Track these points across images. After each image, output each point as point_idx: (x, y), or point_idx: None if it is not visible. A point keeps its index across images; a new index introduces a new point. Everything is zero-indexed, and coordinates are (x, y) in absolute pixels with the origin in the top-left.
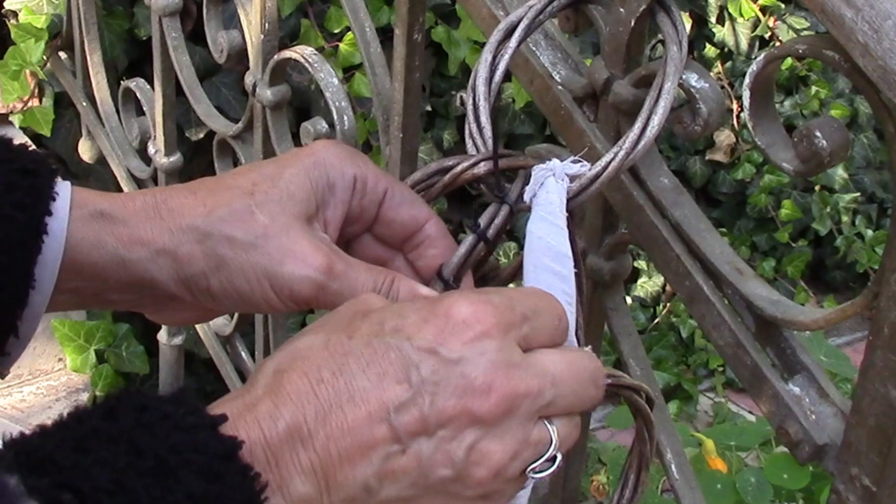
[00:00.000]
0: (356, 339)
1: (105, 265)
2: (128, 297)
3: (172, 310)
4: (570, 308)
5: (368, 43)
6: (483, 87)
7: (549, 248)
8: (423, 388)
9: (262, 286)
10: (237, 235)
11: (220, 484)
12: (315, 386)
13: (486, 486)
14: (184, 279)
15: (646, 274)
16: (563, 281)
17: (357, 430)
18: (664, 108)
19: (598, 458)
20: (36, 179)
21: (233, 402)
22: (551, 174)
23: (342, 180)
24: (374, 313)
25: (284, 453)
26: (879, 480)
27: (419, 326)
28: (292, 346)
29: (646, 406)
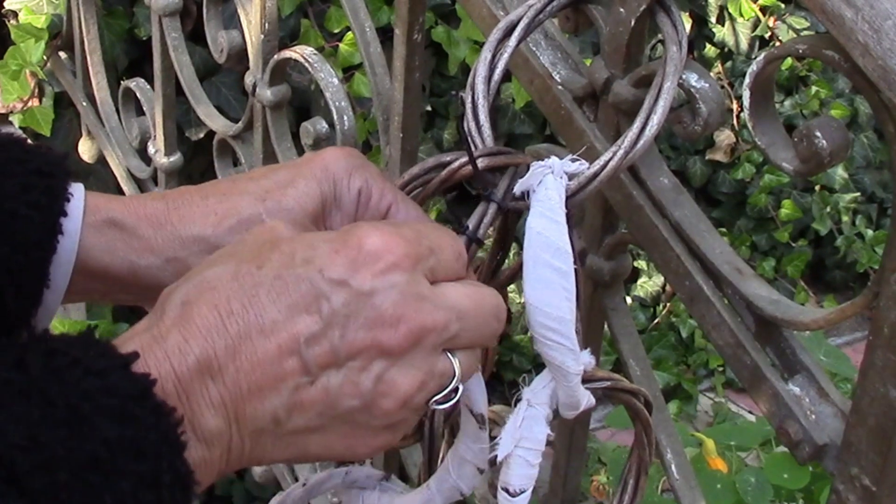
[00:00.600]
0: (266, 270)
1: (116, 270)
2: (136, 297)
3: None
4: (570, 304)
5: (368, 43)
6: (482, 86)
7: (549, 243)
8: (334, 320)
9: None
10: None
11: (135, 426)
12: (225, 318)
13: (391, 416)
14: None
15: (646, 274)
16: (563, 277)
17: (267, 363)
18: (663, 107)
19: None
20: (52, 181)
21: (140, 335)
22: (550, 171)
23: (348, 195)
24: (284, 243)
25: (195, 387)
26: (879, 480)
27: (330, 257)
28: (200, 276)
29: (644, 410)
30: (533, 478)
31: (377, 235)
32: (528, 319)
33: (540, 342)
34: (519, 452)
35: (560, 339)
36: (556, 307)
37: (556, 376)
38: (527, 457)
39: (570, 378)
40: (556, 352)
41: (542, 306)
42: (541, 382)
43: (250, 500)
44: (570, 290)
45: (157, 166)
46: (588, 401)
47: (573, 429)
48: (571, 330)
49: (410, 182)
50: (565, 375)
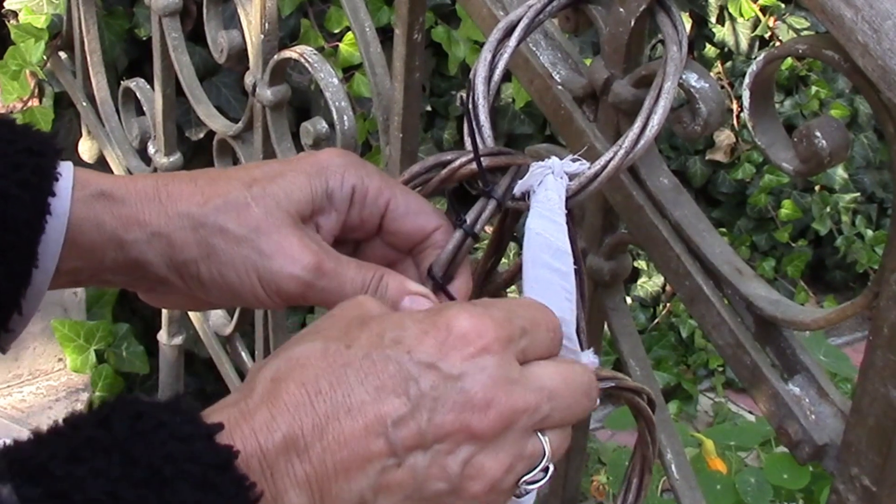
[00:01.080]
0: (355, 350)
1: (103, 245)
2: (122, 277)
3: (164, 293)
4: (570, 305)
5: (368, 43)
6: (482, 86)
7: (548, 244)
8: (422, 403)
9: (251, 279)
10: (230, 227)
11: (214, 494)
12: (313, 397)
13: (479, 499)
14: (176, 264)
15: (646, 274)
16: (563, 277)
17: (354, 443)
18: (664, 107)
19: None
20: (41, 159)
21: (229, 409)
22: (550, 172)
23: (340, 191)
24: (374, 322)
25: (280, 465)
26: (879, 480)
27: (419, 339)
28: (289, 352)
29: (647, 409)
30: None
31: (466, 318)
32: None
33: None
34: None
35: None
36: (556, 307)
37: None
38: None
39: None
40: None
41: None
42: None
43: None
44: (569, 290)
45: (157, 166)
46: None
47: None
48: (572, 330)
49: (411, 180)
50: None
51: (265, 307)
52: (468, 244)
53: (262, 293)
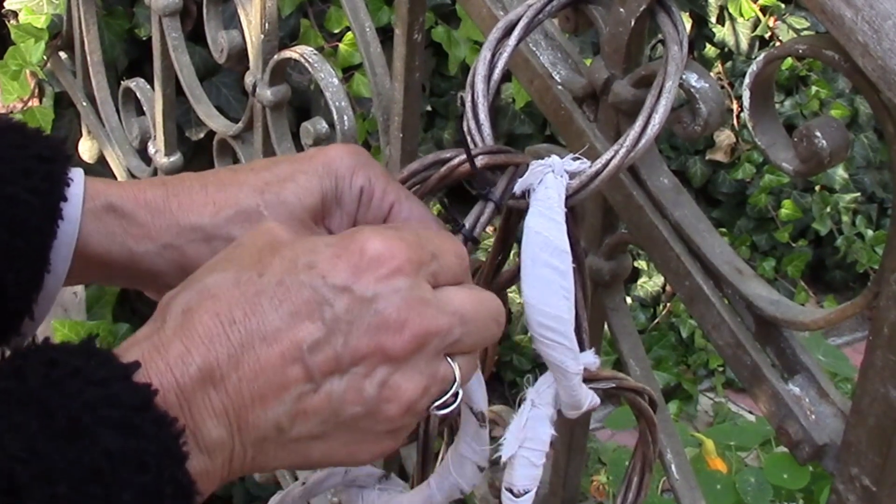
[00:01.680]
0: (268, 277)
1: (114, 256)
2: (134, 282)
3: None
4: (568, 303)
5: (368, 43)
6: (482, 85)
7: (547, 243)
8: (337, 327)
9: None
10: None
11: (136, 436)
12: (227, 327)
13: (395, 422)
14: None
15: (646, 274)
16: (562, 276)
17: (270, 371)
18: (665, 107)
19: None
20: (52, 165)
21: (141, 344)
22: (550, 170)
23: (350, 193)
24: (285, 248)
25: (196, 398)
26: (879, 480)
27: (332, 262)
28: (201, 283)
29: (648, 408)
30: (537, 478)
31: (379, 240)
32: (527, 319)
33: (539, 341)
34: (523, 453)
35: (558, 338)
36: (554, 306)
37: (556, 376)
38: (531, 457)
39: (570, 377)
40: (554, 351)
41: (541, 305)
42: (544, 382)
43: (250, 500)
44: (568, 289)
45: (157, 166)
46: (592, 400)
47: (573, 429)
48: (570, 329)
49: (409, 178)
50: (565, 375)
51: None
52: (468, 248)
53: None
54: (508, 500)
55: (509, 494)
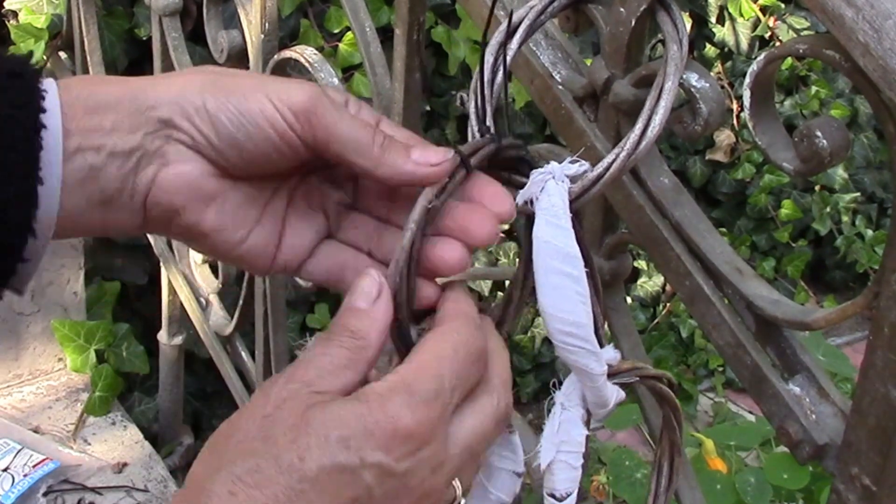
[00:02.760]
0: (308, 463)
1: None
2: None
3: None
4: (585, 308)
5: (368, 43)
6: (486, 89)
7: (557, 250)
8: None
9: (257, 97)
10: (226, 76)
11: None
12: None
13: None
14: (178, 99)
15: (646, 274)
16: (575, 282)
17: None
18: (665, 107)
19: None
20: (24, 80)
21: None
22: (551, 177)
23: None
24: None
25: None
26: (879, 480)
27: (366, 439)
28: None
29: (670, 392)
30: (577, 480)
31: (409, 415)
32: (546, 327)
33: (561, 348)
34: (561, 457)
35: (580, 342)
36: (571, 312)
37: (581, 379)
38: (569, 460)
39: (596, 379)
40: (577, 356)
41: (558, 313)
42: (571, 385)
43: None
44: (583, 293)
45: None
46: (618, 396)
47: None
48: (590, 332)
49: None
50: (590, 377)
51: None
52: (460, 175)
53: (272, 107)
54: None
55: (552, 500)
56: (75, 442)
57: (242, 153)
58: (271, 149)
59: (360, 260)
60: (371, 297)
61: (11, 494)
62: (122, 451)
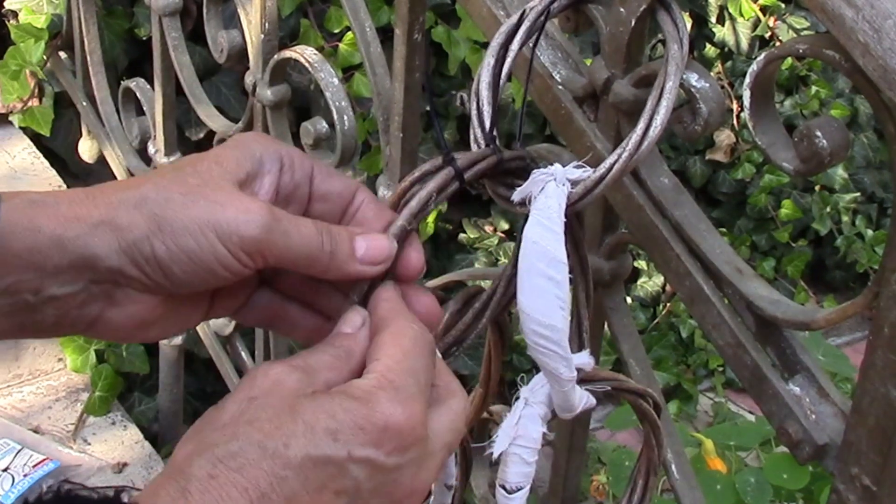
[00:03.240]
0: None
1: (42, 248)
2: (70, 288)
3: (122, 302)
4: (563, 313)
5: (368, 43)
6: (486, 92)
7: (544, 253)
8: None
9: (209, 239)
10: (174, 196)
11: None
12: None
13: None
14: (126, 248)
15: (646, 274)
16: (557, 286)
17: None
18: (667, 107)
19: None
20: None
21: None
22: (552, 178)
23: (268, 155)
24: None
25: None
26: (879, 480)
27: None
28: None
29: (652, 412)
30: (530, 476)
31: (401, 412)
32: (522, 326)
33: (532, 348)
34: (515, 450)
35: (552, 346)
36: (548, 315)
37: (549, 381)
38: (523, 454)
39: (563, 384)
40: (548, 358)
41: (535, 314)
42: (539, 382)
43: None
44: (563, 298)
45: (158, 166)
46: (587, 401)
47: (573, 429)
48: (564, 338)
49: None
50: (559, 381)
51: (231, 274)
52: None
53: (224, 251)
54: (502, 496)
55: (503, 491)
56: (75, 442)
57: (193, 287)
58: (222, 280)
59: (288, 308)
60: (356, 325)
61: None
62: (122, 451)
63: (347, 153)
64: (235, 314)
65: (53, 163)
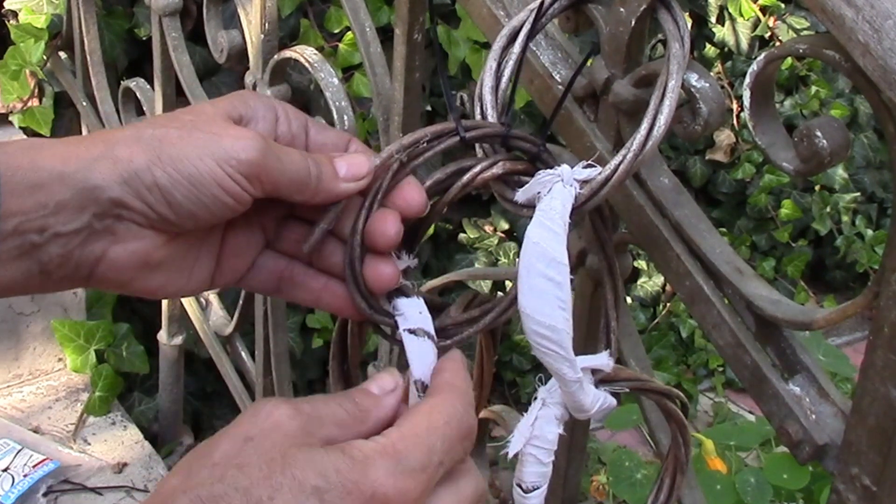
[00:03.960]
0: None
1: (44, 185)
2: (74, 224)
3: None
4: (564, 314)
5: (368, 43)
6: (489, 97)
7: (544, 254)
8: None
9: (207, 163)
10: (171, 129)
11: None
12: None
13: None
14: (128, 178)
15: (646, 274)
16: (557, 287)
17: None
18: (670, 107)
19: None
20: None
21: None
22: (559, 180)
23: (262, 105)
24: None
25: None
26: (879, 480)
27: (342, 498)
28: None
29: (678, 411)
30: (546, 476)
31: (391, 483)
32: (523, 326)
33: (535, 349)
34: (531, 450)
35: (554, 347)
36: (548, 316)
37: (557, 381)
38: (538, 455)
39: (569, 384)
40: (550, 359)
41: (535, 315)
42: (556, 383)
43: None
44: (564, 299)
45: None
46: (604, 402)
47: (573, 429)
48: (565, 338)
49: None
50: (564, 382)
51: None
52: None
53: (222, 173)
54: (518, 495)
55: (519, 490)
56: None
57: (196, 219)
58: (224, 209)
59: (293, 269)
60: (385, 389)
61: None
62: (122, 451)
63: None
64: (241, 281)
65: None
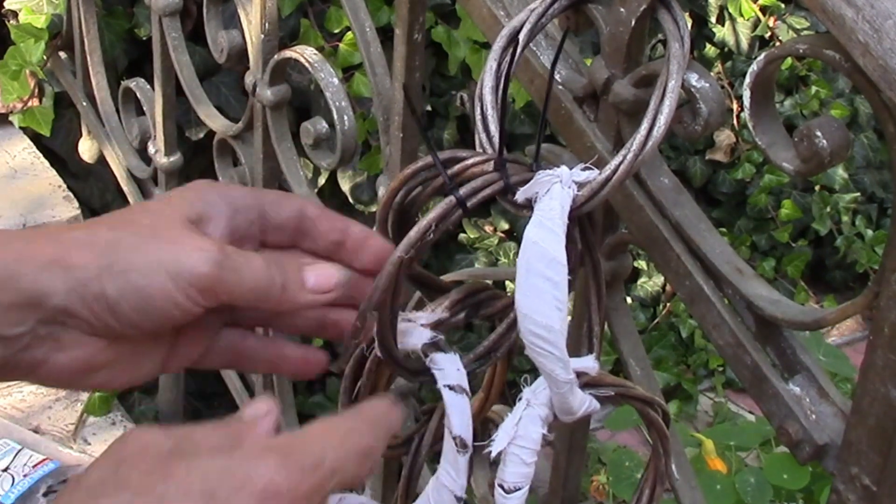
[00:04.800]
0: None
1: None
2: (18, 329)
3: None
4: (561, 314)
5: (368, 43)
6: (490, 96)
7: (543, 254)
8: None
9: (160, 278)
10: (125, 236)
11: None
12: None
13: None
14: (77, 287)
15: (646, 274)
16: (555, 287)
17: None
18: (670, 107)
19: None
20: None
21: None
22: (558, 181)
23: (219, 198)
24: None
25: None
26: (879, 480)
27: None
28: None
29: (660, 421)
30: (528, 476)
31: (284, 475)
32: (519, 326)
33: (529, 349)
34: (514, 450)
35: (549, 347)
36: (545, 316)
37: (548, 383)
38: (521, 455)
39: (560, 385)
40: (544, 360)
41: (533, 314)
42: (542, 383)
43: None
44: (561, 300)
45: (157, 166)
46: (588, 405)
47: (573, 429)
48: (561, 339)
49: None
50: (556, 383)
51: (181, 313)
52: (457, 216)
53: (174, 289)
54: (501, 496)
55: (501, 490)
56: (75, 442)
57: (141, 329)
58: (171, 320)
59: (247, 341)
60: (255, 415)
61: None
62: None
63: (347, 153)
64: (198, 361)
65: (53, 163)
